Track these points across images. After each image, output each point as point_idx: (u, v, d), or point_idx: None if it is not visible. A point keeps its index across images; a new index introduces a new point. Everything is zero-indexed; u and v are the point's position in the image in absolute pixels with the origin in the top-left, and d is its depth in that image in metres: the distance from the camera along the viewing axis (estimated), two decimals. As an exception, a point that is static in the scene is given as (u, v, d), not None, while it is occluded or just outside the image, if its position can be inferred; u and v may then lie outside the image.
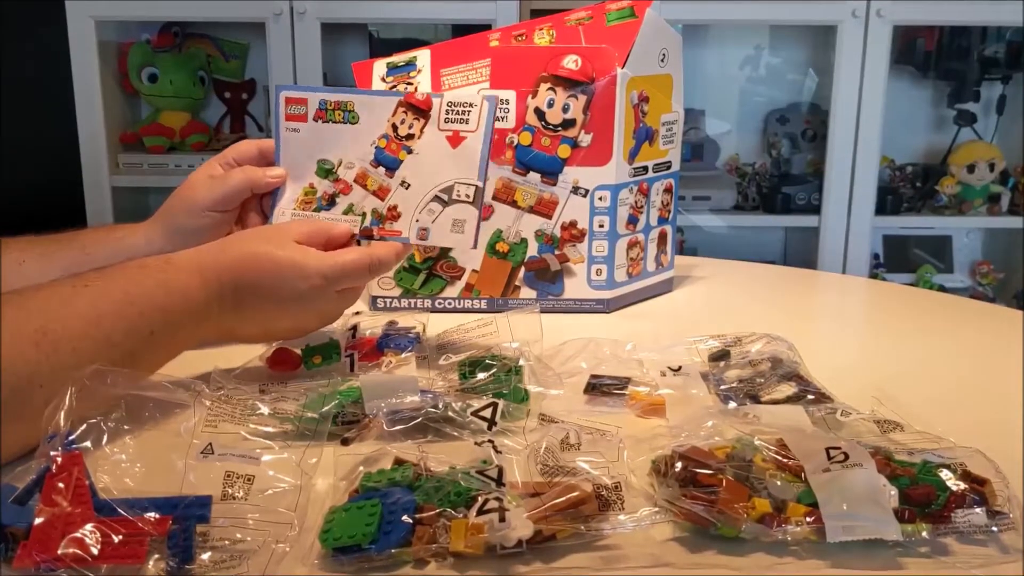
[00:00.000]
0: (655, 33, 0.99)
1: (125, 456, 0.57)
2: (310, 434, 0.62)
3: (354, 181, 0.81)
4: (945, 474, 0.56)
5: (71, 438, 0.53)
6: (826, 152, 2.25)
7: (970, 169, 2.38)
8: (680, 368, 0.76)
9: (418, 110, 0.80)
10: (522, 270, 0.99)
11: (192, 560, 0.49)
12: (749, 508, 0.53)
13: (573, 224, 0.98)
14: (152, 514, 0.49)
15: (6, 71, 2.12)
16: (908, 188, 2.40)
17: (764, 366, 0.76)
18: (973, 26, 2.34)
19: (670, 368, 0.76)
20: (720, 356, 0.79)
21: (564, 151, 0.96)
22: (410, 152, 0.79)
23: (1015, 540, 0.53)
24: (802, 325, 1.01)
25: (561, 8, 1.06)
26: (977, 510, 0.54)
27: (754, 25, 2.48)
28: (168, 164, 2.30)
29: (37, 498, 0.49)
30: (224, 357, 0.75)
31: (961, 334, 0.98)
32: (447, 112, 0.79)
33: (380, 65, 0.98)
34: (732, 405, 0.70)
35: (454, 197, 0.78)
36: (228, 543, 0.51)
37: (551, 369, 0.76)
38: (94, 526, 0.48)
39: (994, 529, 0.54)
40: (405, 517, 0.51)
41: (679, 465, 0.56)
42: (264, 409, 0.65)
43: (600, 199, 0.97)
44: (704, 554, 0.53)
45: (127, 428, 0.58)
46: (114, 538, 0.47)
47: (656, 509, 0.54)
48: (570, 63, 0.95)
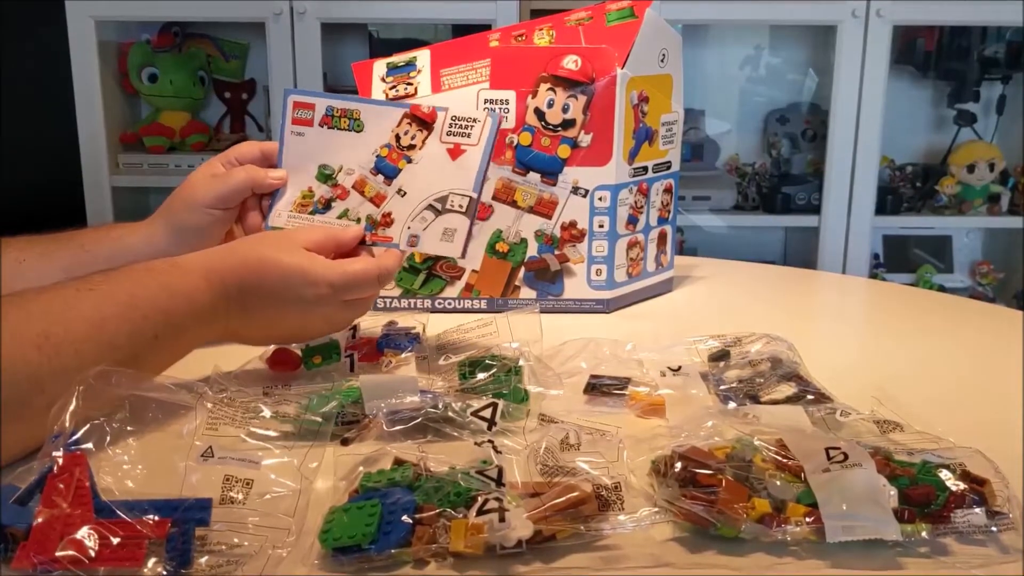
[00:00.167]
0: (655, 33, 0.99)
1: (127, 457, 0.57)
2: (311, 436, 0.62)
3: (352, 187, 0.81)
4: (945, 474, 0.56)
5: (74, 438, 0.53)
6: (826, 152, 2.25)
7: (970, 169, 2.37)
8: (680, 368, 0.76)
9: (422, 122, 0.80)
10: (522, 270, 0.99)
11: (190, 564, 0.49)
12: (749, 508, 0.53)
13: (573, 224, 0.98)
14: (152, 516, 0.49)
15: (6, 71, 2.12)
16: (908, 188, 2.39)
17: (764, 366, 0.76)
18: (973, 26, 2.34)
19: (670, 368, 0.76)
20: (720, 356, 0.79)
21: (564, 151, 0.96)
22: (410, 161, 0.80)
23: (1015, 540, 0.53)
24: (802, 325, 1.01)
25: (561, 8, 1.06)
26: (977, 510, 0.54)
27: (754, 25, 2.48)
28: (168, 164, 2.30)
29: (38, 499, 0.49)
30: (224, 357, 0.75)
31: (961, 334, 0.98)
32: (450, 125, 0.79)
33: (380, 65, 0.98)
34: (732, 405, 0.70)
35: (447, 207, 0.78)
36: (226, 547, 0.51)
37: (551, 369, 0.76)
38: (93, 528, 0.48)
39: (994, 529, 0.54)
40: (405, 517, 0.52)
41: (679, 465, 0.56)
42: (266, 412, 0.65)
43: (600, 199, 0.97)
44: (704, 554, 0.53)
45: (130, 429, 0.58)
46: (112, 540, 0.47)
47: (656, 509, 0.54)
48: (570, 63, 0.95)
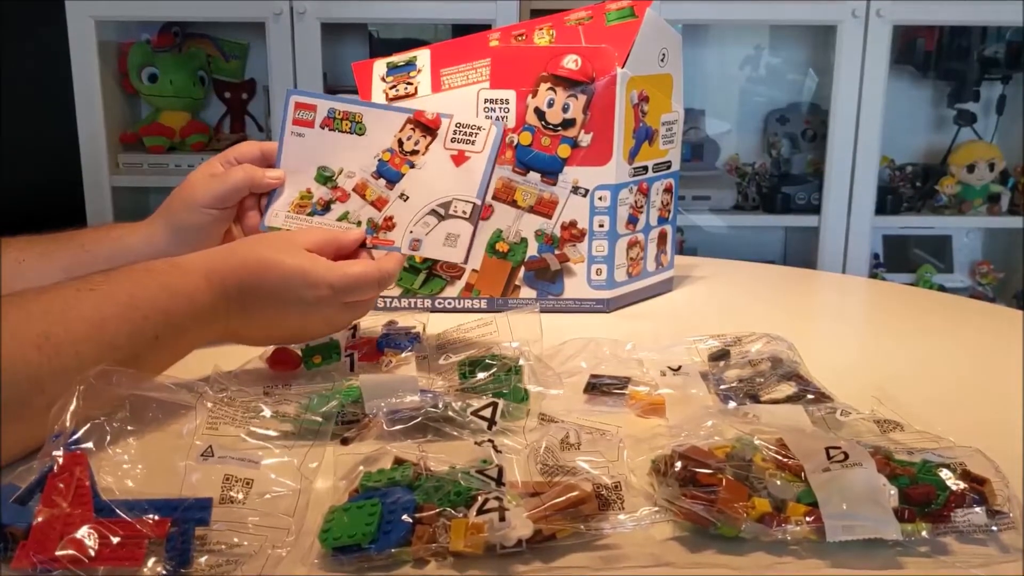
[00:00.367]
0: (655, 33, 0.99)
1: (127, 457, 0.57)
2: (311, 436, 0.62)
3: (353, 190, 0.81)
4: (945, 474, 0.56)
5: (75, 438, 0.53)
6: (826, 152, 2.25)
7: (970, 169, 2.38)
8: (680, 368, 0.76)
9: (426, 128, 0.80)
10: (522, 270, 0.99)
11: (189, 563, 0.49)
12: (749, 508, 0.53)
13: (573, 224, 0.98)
14: (152, 516, 0.49)
15: (6, 71, 2.12)
16: (908, 188, 2.39)
17: (764, 366, 0.76)
18: (973, 26, 2.34)
19: (670, 368, 0.76)
20: (720, 356, 0.79)
21: (564, 151, 0.96)
22: (413, 167, 0.79)
23: (1015, 540, 0.53)
24: (802, 325, 1.01)
25: (561, 8, 1.06)
26: (977, 510, 0.54)
27: (754, 25, 2.48)
28: (168, 164, 2.30)
29: (38, 498, 0.49)
30: (224, 357, 0.75)
31: (961, 334, 0.98)
32: (455, 132, 0.79)
33: (380, 65, 0.98)
34: (732, 405, 0.70)
35: (451, 212, 0.78)
36: (226, 547, 0.51)
37: (551, 369, 0.76)
38: (92, 527, 0.48)
39: (994, 529, 0.54)
40: (405, 517, 0.52)
41: (679, 465, 0.56)
42: (266, 411, 0.64)
43: (600, 199, 0.97)
44: (704, 554, 0.53)
45: (130, 429, 0.58)
46: (112, 540, 0.47)
47: (656, 509, 0.54)
48: (570, 63, 0.95)
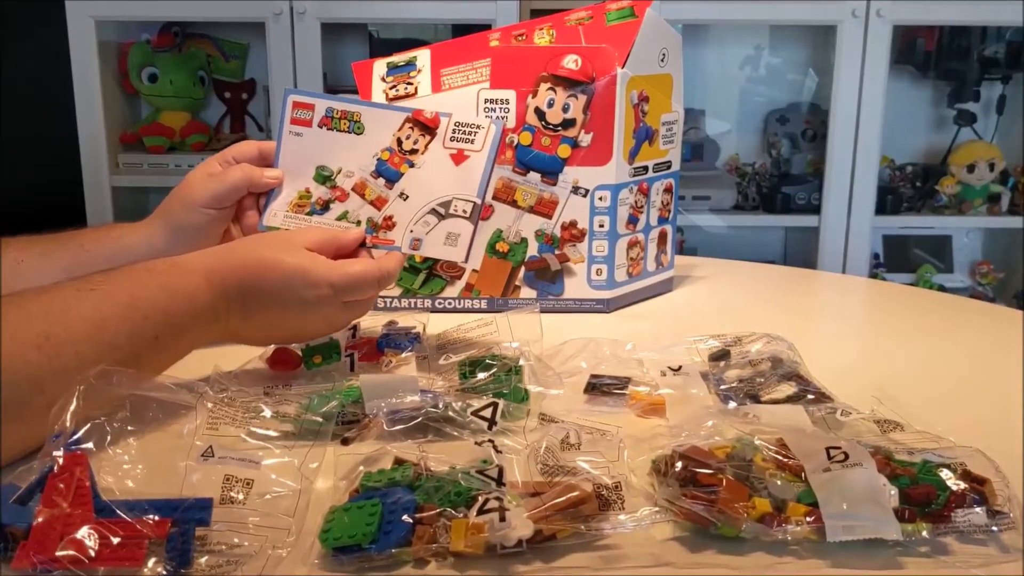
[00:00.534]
0: (655, 33, 0.99)
1: (127, 457, 0.57)
2: (312, 436, 0.62)
3: (352, 190, 0.81)
4: (945, 474, 0.56)
5: (75, 438, 0.53)
6: (826, 152, 2.25)
7: (970, 169, 2.37)
8: (680, 368, 0.76)
9: (425, 127, 0.80)
10: (522, 270, 0.99)
11: (190, 564, 0.49)
12: (749, 508, 0.53)
13: (573, 224, 0.98)
14: (152, 516, 0.49)
15: (6, 71, 2.12)
16: (908, 188, 2.39)
17: (764, 366, 0.76)
18: (973, 26, 2.34)
19: (670, 368, 0.76)
20: (720, 356, 0.79)
21: (564, 151, 0.96)
22: (412, 166, 0.79)
23: (1015, 540, 0.53)
24: (802, 325, 1.01)
25: (561, 8, 1.06)
26: (977, 510, 0.54)
27: (754, 25, 2.48)
28: (168, 164, 2.30)
29: (38, 498, 0.49)
30: (224, 357, 0.75)
31: (961, 334, 0.98)
32: (454, 131, 0.79)
33: (380, 65, 0.98)
34: (732, 405, 0.70)
35: (451, 211, 0.78)
36: (226, 547, 0.51)
37: (551, 369, 0.76)
38: (93, 528, 0.48)
39: (994, 529, 0.54)
40: (405, 517, 0.52)
41: (679, 465, 0.56)
42: (266, 411, 0.64)
43: (600, 199, 0.97)
44: (704, 554, 0.53)
45: (131, 429, 0.58)
46: (112, 540, 0.47)
47: (656, 509, 0.54)
48: (570, 63, 0.95)
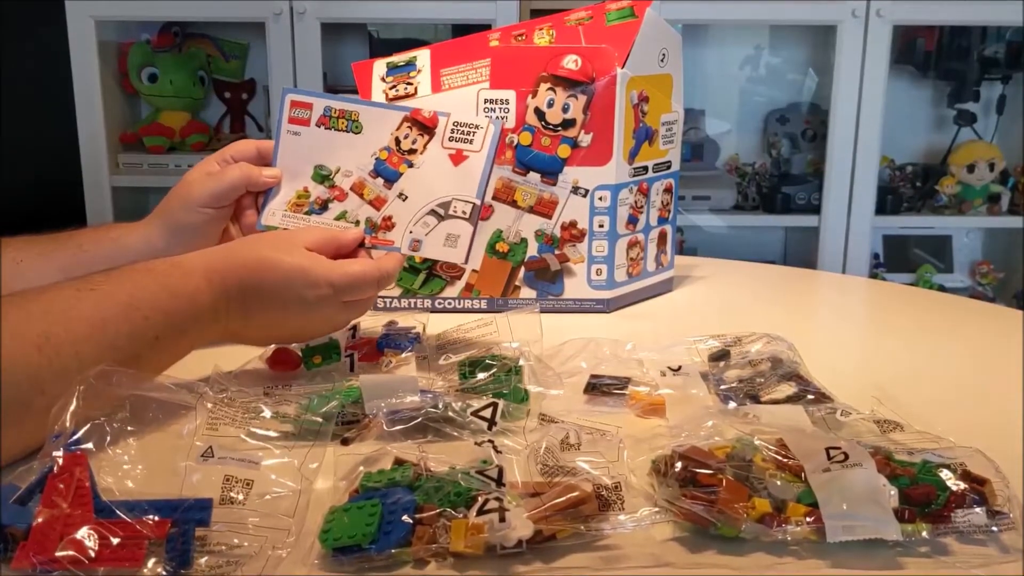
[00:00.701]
0: (655, 33, 0.99)
1: (127, 457, 0.57)
2: (312, 436, 0.62)
3: (350, 189, 0.81)
4: (945, 474, 0.56)
5: (75, 438, 0.53)
6: (826, 152, 2.25)
7: (970, 169, 2.37)
8: (680, 368, 0.76)
9: (423, 126, 0.80)
10: (522, 270, 0.99)
11: (189, 564, 0.49)
12: (749, 508, 0.53)
13: (573, 224, 0.98)
14: (152, 516, 0.49)
15: (6, 71, 2.12)
16: (908, 188, 2.39)
17: (764, 366, 0.76)
18: (973, 26, 2.34)
19: (670, 368, 0.76)
20: (720, 356, 0.79)
21: (564, 151, 0.96)
22: (411, 166, 0.79)
23: (1015, 540, 0.53)
24: (802, 325, 1.01)
25: (561, 8, 1.06)
26: (977, 510, 0.54)
27: (754, 25, 2.48)
28: (168, 164, 2.30)
29: (38, 499, 0.49)
30: (224, 357, 0.75)
31: (961, 334, 0.98)
32: (452, 131, 0.79)
33: (380, 65, 0.98)
34: (732, 405, 0.70)
35: (450, 212, 0.78)
36: (226, 548, 0.51)
37: (551, 369, 0.76)
38: (92, 528, 0.48)
39: (994, 529, 0.54)
40: (405, 517, 0.52)
41: (679, 465, 0.56)
42: (266, 412, 0.64)
43: (600, 199, 0.97)
44: (704, 554, 0.53)
45: (130, 429, 0.58)
46: (112, 540, 0.47)
47: (656, 509, 0.54)
48: (570, 63, 0.95)
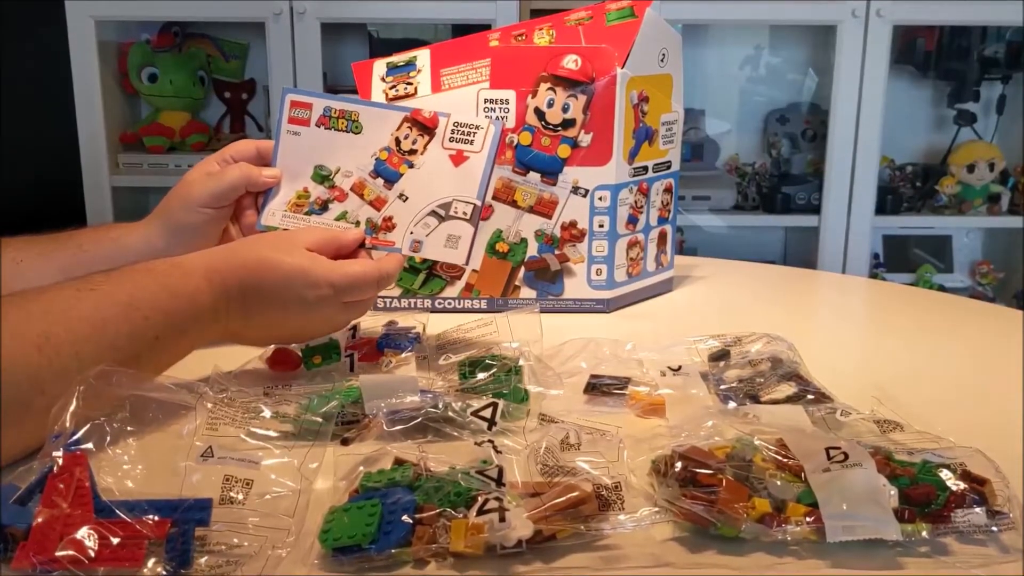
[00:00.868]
0: (655, 33, 0.99)
1: (127, 457, 0.57)
2: (312, 436, 0.62)
3: (350, 190, 0.81)
4: (945, 474, 0.56)
5: (75, 438, 0.53)
6: (826, 152, 2.25)
7: (970, 169, 2.38)
8: (680, 368, 0.76)
9: (423, 127, 0.80)
10: (522, 270, 0.99)
11: (189, 564, 0.49)
12: (749, 508, 0.53)
13: (573, 224, 0.98)
14: (152, 516, 0.49)
15: (6, 71, 2.12)
16: (908, 188, 2.39)
17: (764, 366, 0.76)
18: (973, 26, 2.34)
19: (670, 368, 0.76)
20: (720, 356, 0.79)
21: (564, 151, 0.96)
22: (411, 166, 0.79)
23: (1015, 540, 0.53)
24: (802, 325, 1.01)
25: (561, 8, 1.06)
26: (977, 510, 0.54)
27: (754, 25, 2.48)
28: (168, 164, 2.30)
29: (38, 499, 0.49)
30: (224, 357, 0.75)
31: (961, 334, 0.98)
32: (453, 131, 0.79)
33: (380, 65, 0.98)
34: (732, 405, 0.70)
35: (451, 213, 0.78)
36: (226, 548, 0.51)
37: (551, 369, 0.76)
38: (92, 528, 0.48)
39: (994, 529, 0.54)
40: (405, 517, 0.51)
41: (679, 465, 0.56)
42: (266, 412, 0.64)
43: (600, 199, 0.97)
44: (704, 554, 0.53)
45: (130, 429, 0.58)
46: (112, 540, 0.47)
47: (656, 509, 0.54)
48: (570, 63, 0.95)
